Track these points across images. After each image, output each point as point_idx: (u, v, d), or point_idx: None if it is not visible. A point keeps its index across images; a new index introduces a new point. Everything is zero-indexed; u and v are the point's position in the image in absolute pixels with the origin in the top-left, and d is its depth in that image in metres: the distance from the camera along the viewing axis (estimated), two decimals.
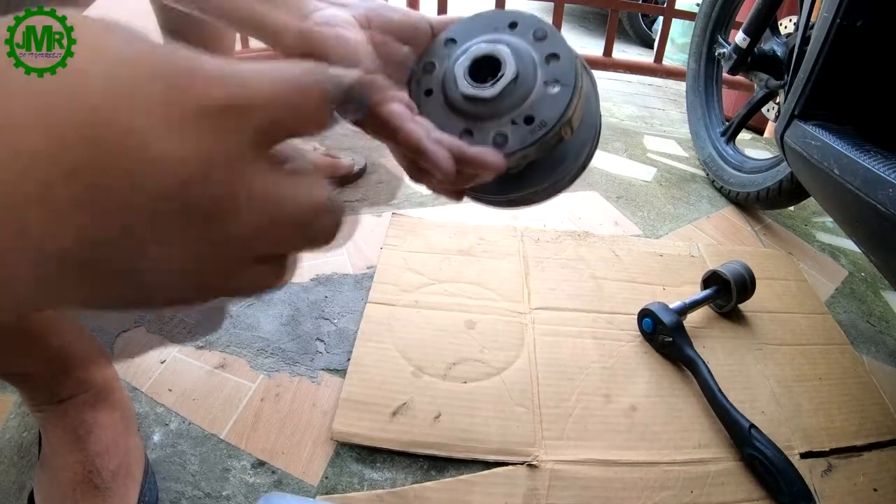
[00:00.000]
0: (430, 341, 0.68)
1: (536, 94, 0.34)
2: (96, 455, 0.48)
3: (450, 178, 0.32)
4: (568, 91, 0.34)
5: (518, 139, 0.34)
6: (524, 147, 0.34)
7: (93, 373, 0.51)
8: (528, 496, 0.54)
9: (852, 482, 0.59)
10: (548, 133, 0.33)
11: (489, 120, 0.34)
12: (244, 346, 0.68)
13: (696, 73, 1.30)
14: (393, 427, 0.58)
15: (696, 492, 0.56)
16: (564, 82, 0.34)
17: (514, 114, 0.34)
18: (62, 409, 0.49)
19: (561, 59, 0.34)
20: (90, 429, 0.49)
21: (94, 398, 0.51)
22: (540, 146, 0.34)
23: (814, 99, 0.69)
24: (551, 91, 0.34)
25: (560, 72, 0.34)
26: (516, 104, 0.34)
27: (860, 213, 0.57)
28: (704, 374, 0.64)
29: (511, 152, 0.34)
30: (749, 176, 1.06)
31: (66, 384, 0.49)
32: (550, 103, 0.34)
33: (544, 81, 0.34)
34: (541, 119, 0.34)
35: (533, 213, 0.98)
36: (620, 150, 1.30)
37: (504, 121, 0.34)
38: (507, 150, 0.34)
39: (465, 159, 0.32)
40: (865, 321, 0.85)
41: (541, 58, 0.35)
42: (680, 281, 0.84)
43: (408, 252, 0.83)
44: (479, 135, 0.35)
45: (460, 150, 0.32)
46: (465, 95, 0.34)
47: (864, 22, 0.63)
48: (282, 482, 0.55)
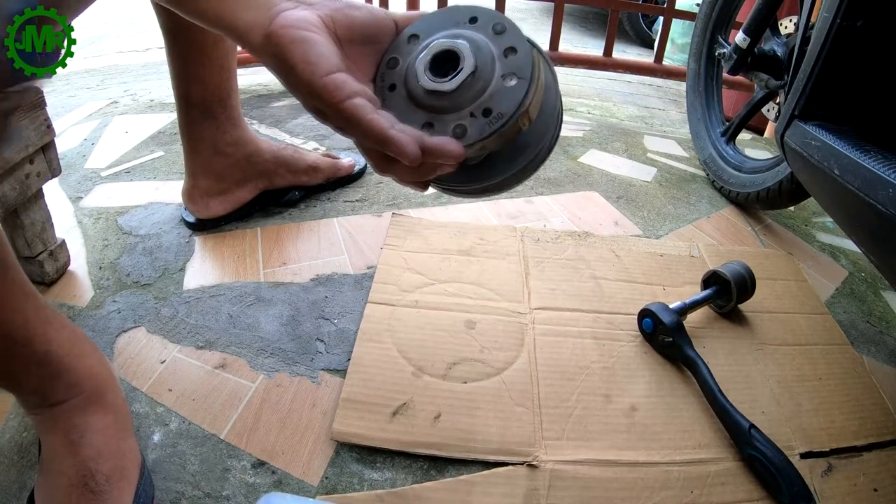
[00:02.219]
0: (430, 341, 0.68)
1: (494, 87, 0.35)
2: (89, 459, 0.48)
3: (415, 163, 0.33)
4: (524, 84, 0.35)
5: (477, 130, 0.35)
6: (483, 138, 0.35)
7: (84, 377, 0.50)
8: (528, 496, 0.54)
9: (852, 482, 0.59)
10: (505, 124, 0.34)
11: (449, 113, 0.35)
12: (244, 346, 0.68)
13: (696, 73, 1.30)
14: (393, 427, 0.58)
15: (696, 492, 0.56)
16: (521, 75, 0.35)
17: (473, 106, 0.35)
18: (55, 414, 0.49)
19: (518, 52, 0.35)
20: (83, 433, 0.49)
21: (86, 402, 0.50)
22: (498, 137, 0.35)
23: (814, 99, 0.69)
24: (509, 84, 0.35)
25: (517, 65, 0.35)
26: (475, 97, 0.35)
27: (860, 213, 0.57)
28: (704, 374, 0.64)
29: (470, 143, 0.35)
30: (749, 176, 1.06)
31: (57, 389, 0.49)
32: (508, 95, 0.35)
33: (502, 75, 0.35)
34: (498, 111, 0.35)
35: (533, 213, 0.98)
36: (620, 150, 1.30)
37: (463, 113, 0.35)
38: (466, 140, 0.35)
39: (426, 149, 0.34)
40: (865, 321, 0.85)
41: (499, 51, 0.36)
42: (680, 281, 0.84)
43: (408, 252, 0.83)
44: (439, 127, 0.36)
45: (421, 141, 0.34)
46: (426, 89, 0.35)
47: (864, 22, 0.63)
48: (282, 482, 0.55)
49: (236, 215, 0.88)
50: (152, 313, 0.71)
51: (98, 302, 0.73)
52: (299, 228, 0.89)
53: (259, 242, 0.85)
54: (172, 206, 0.92)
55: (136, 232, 0.85)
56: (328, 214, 0.93)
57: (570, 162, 1.20)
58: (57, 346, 0.48)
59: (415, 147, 0.33)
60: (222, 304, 0.73)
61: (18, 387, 0.49)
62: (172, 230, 0.86)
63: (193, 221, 0.86)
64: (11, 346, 0.45)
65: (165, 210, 0.91)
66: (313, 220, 0.91)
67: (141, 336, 0.68)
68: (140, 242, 0.83)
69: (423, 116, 0.36)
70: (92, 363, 0.52)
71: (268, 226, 0.89)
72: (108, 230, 0.86)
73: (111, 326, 0.69)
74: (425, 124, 0.36)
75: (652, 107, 1.98)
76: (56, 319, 0.50)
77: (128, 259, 0.80)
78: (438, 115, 0.36)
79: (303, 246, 0.85)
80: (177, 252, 0.82)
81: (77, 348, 0.51)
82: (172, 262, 0.80)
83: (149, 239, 0.84)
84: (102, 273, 0.77)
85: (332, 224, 0.91)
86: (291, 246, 0.85)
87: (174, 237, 0.85)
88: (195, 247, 0.83)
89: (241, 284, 0.77)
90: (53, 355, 0.48)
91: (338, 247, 0.86)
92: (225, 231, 0.87)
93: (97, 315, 0.71)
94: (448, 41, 0.36)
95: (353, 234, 0.88)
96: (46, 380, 0.48)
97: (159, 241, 0.84)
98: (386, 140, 0.33)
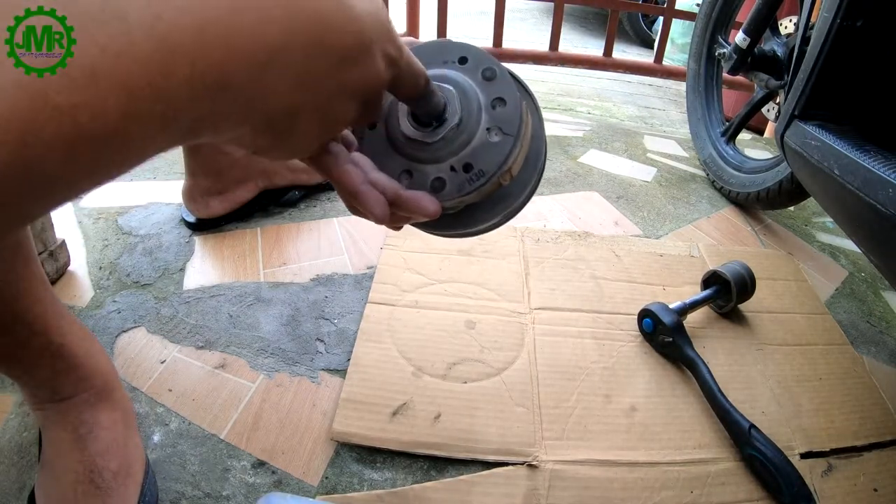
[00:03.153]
0: (430, 341, 0.68)
1: (478, 141, 0.33)
2: (97, 455, 0.48)
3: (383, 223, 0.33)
4: (510, 141, 0.33)
5: (455, 186, 0.33)
6: (461, 195, 0.33)
7: (94, 372, 0.51)
8: (528, 496, 0.54)
9: (852, 482, 0.59)
10: (485, 183, 0.33)
11: (429, 163, 0.34)
12: (244, 346, 0.68)
13: (696, 73, 1.30)
14: (393, 427, 0.58)
15: (697, 492, 0.56)
16: (507, 131, 0.33)
17: (454, 160, 0.33)
18: (63, 408, 0.49)
19: (507, 104, 0.33)
20: (91, 428, 0.49)
21: (95, 398, 0.51)
22: (477, 194, 0.34)
23: (814, 99, 0.69)
24: (493, 139, 0.33)
25: (505, 118, 0.33)
26: (457, 150, 0.33)
27: (860, 213, 0.57)
28: (704, 375, 0.64)
29: (448, 199, 0.33)
30: (749, 176, 1.06)
31: (68, 382, 0.49)
32: (491, 152, 0.33)
33: (487, 128, 0.33)
34: (479, 168, 0.33)
35: (533, 213, 0.98)
36: (620, 150, 1.30)
37: (443, 166, 0.34)
38: (443, 196, 0.33)
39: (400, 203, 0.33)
40: (865, 321, 0.85)
41: (487, 101, 0.34)
42: (680, 281, 0.84)
43: (408, 252, 0.83)
44: (417, 176, 0.34)
45: (395, 194, 0.33)
46: (406, 136, 0.34)
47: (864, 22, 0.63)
48: (282, 482, 0.55)
49: (236, 215, 0.88)
50: (152, 313, 0.71)
51: (98, 302, 0.73)
52: (299, 228, 0.89)
53: (259, 242, 0.85)
54: (172, 205, 0.92)
55: (136, 232, 0.85)
56: (328, 214, 0.93)
57: (570, 162, 1.20)
58: (71, 339, 0.49)
59: (384, 209, 0.32)
60: (222, 304, 0.73)
61: (31, 378, 0.49)
62: (172, 230, 0.86)
63: (193, 221, 0.86)
64: (29, 336, 0.46)
65: (165, 210, 0.91)
66: (313, 220, 0.91)
67: (141, 336, 0.68)
68: (140, 242, 0.83)
69: (402, 163, 0.34)
70: (100, 360, 0.52)
71: (268, 225, 0.89)
72: (108, 230, 0.86)
73: (111, 326, 0.69)
74: (404, 171, 0.34)
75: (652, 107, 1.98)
76: (68, 314, 0.50)
77: (128, 259, 0.80)
78: (418, 165, 0.34)
79: (303, 246, 0.85)
80: (177, 252, 0.82)
81: (87, 344, 0.51)
82: (172, 262, 0.80)
83: (149, 239, 0.84)
84: (102, 273, 0.77)
85: (332, 224, 0.91)
86: (291, 246, 0.85)
87: (174, 237, 0.85)
88: (195, 247, 0.83)
89: (241, 284, 0.77)
90: (67, 349, 0.49)
91: (338, 247, 0.86)
92: (225, 231, 0.87)
93: (97, 315, 0.71)
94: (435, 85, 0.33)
95: (353, 234, 0.88)
96: (59, 373, 0.49)
97: (159, 241, 0.84)
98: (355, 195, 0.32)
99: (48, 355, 0.48)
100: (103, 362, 0.53)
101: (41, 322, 0.46)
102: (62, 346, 0.48)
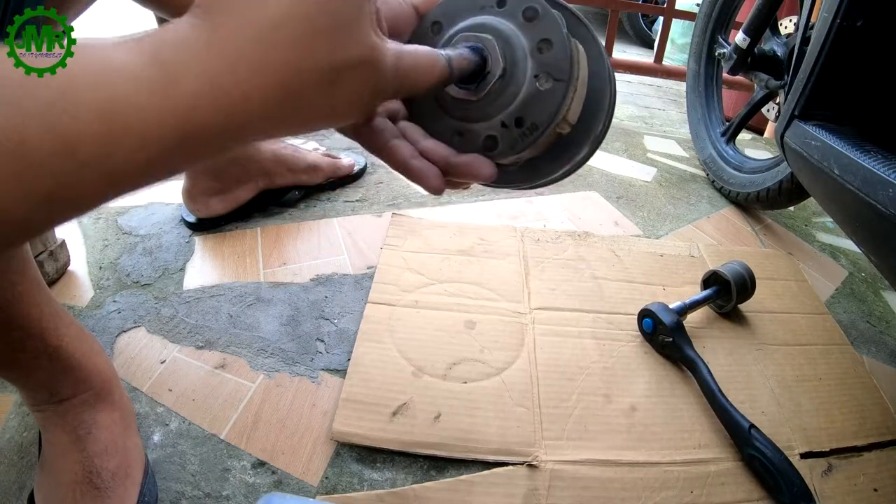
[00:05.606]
0: (430, 341, 0.68)
1: (527, 92, 0.30)
2: (96, 455, 0.48)
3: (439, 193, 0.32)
4: (562, 87, 0.30)
5: (508, 144, 0.31)
6: (515, 152, 0.31)
7: (92, 373, 0.51)
8: (528, 496, 0.54)
9: (852, 482, 0.59)
10: (539, 137, 0.30)
11: (479, 121, 0.32)
12: (244, 346, 0.68)
13: (696, 73, 1.30)
14: (393, 427, 0.58)
15: (697, 492, 0.56)
16: (557, 76, 0.30)
17: (504, 115, 0.31)
18: (62, 409, 0.49)
19: (553, 45, 0.30)
20: (89, 429, 0.49)
21: (94, 398, 0.50)
22: (534, 149, 0.31)
23: (814, 99, 0.69)
24: (543, 87, 0.30)
25: (552, 62, 0.30)
26: (506, 104, 0.31)
27: (860, 213, 0.57)
28: (704, 375, 0.64)
29: (502, 157, 0.31)
30: (749, 176, 1.06)
31: (66, 384, 0.49)
32: (542, 101, 0.30)
33: (535, 75, 0.30)
34: (531, 121, 0.30)
35: (533, 213, 0.98)
36: (620, 150, 1.30)
37: (494, 122, 0.31)
38: (497, 155, 0.31)
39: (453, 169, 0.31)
40: (865, 321, 0.85)
41: (532, 45, 0.30)
42: (680, 281, 0.84)
43: (408, 252, 0.83)
44: (469, 137, 0.32)
45: (446, 161, 0.31)
46: (451, 96, 0.32)
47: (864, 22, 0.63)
48: (282, 482, 0.55)
49: (236, 215, 0.88)
50: (152, 313, 0.71)
51: (98, 302, 0.73)
52: (299, 228, 0.89)
53: (259, 242, 0.85)
54: (172, 205, 0.92)
55: (136, 232, 0.85)
56: (328, 214, 0.93)
57: None
58: (68, 341, 0.49)
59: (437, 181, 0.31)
60: (222, 304, 0.73)
61: (28, 381, 0.49)
62: (172, 230, 0.86)
63: (193, 221, 0.86)
64: (26, 339, 0.46)
65: (165, 210, 0.91)
66: (313, 220, 0.91)
67: (141, 336, 0.68)
68: (140, 242, 0.83)
69: (453, 124, 0.32)
70: (99, 360, 0.52)
71: (268, 226, 0.89)
72: (108, 230, 0.86)
73: (111, 326, 0.69)
74: (455, 133, 0.32)
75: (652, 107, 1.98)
76: (66, 315, 0.50)
77: (128, 259, 0.80)
78: (467, 124, 0.32)
79: (303, 246, 0.85)
80: (177, 252, 0.82)
81: (85, 345, 0.51)
82: (172, 262, 0.80)
83: (149, 239, 0.84)
84: (102, 273, 0.77)
85: (332, 224, 0.91)
86: (291, 246, 0.85)
87: (174, 237, 0.85)
88: (195, 247, 0.83)
89: (241, 284, 0.77)
90: (64, 350, 0.48)
91: (338, 247, 0.86)
92: (225, 231, 0.87)
93: (97, 315, 0.71)
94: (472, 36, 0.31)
95: (353, 234, 0.88)
96: (57, 374, 0.49)
97: (159, 241, 0.84)
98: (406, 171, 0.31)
99: (45, 358, 0.47)
100: (102, 363, 0.52)
101: (38, 325, 0.46)
102: (59, 347, 0.48)
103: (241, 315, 0.72)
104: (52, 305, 0.48)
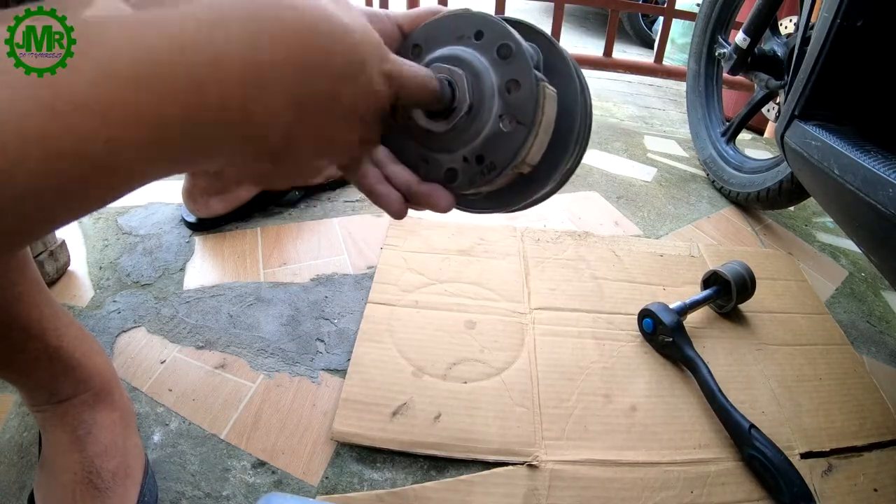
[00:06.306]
0: (430, 341, 0.68)
1: (490, 131, 0.31)
2: (96, 455, 0.48)
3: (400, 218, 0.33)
4: (523, 131, 0.30)
5: (468, 178, 0.32)
6: (474, 186, 0.32)
7: (92, 373, 0.51)
8: (528, 496, 0.54)
9: (852, 482, 0.59)
10: (497, 177, 0.31)
11: (443, 152, 0.32)
12: (244, 346, 0.68)
13: (696, 73, 1.30)
14: (393, 427, 0.58)
15: (697, 492, 0.56)
16: (521, 119, 0.30)
17: (466, 150, 0.31)
18: (62, 410, 0.49)
19: (521, 87, 0.30)
20: (89, 429, 0.49)
21: (94, 398, 0.50)
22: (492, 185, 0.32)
23: (814, 99, 0.69)
24: (506, 128, 0.30)
25: (518, 104, 0.30)
26: (469, 140, 0.31)
27: (860, 213, 0.57)
28: (704, 375, 0.64)
29: (462, 190, 0.32)
30: (749, 176, 1.06)
31: (66, 384, 0.49)
32: (503, 143, 0.31)
33: (500, 115, 0.31)
34: (491, 160, 0.31)
35: (533, 213, 0.98)
36: (620, 150, 1.30)
37: (456, 156, 0.32)
38: (456, 187, 0.32)
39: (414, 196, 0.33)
40: (865, 321, 0.85)
41: (501, 83, 0.31)
42: (680, 281, 0.84)
43: (408, 252, 0.83)
44: (433, 166, 0.33)
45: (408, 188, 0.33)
46: (418, 125, 0.32)
47: (864, 22, 0.63)
48: (282, 482, 0.55)
49: (236, 215, 0.88)
50: (152, 313, 0.71)
51: (98, 302, 0.73)
52: (299, 228, 0.89)
53: (259, 242, 0.85)
54: (172, 205, 0.92)
55: (136, 232, 0.85)
56: (328, 214, 0.93)
57: None
58: (68, 342, 0.49)
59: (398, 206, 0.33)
60: (222, 304, 0.73)
61: (28, 381, 0.49)
62: (172, 230, 0.86)
63: (193, 221, 0.86)
64: (26, 340, 0.46)
65: (165, 210, 0.91)
66: (313, 220, 0.91)
67: (141, 336, 0.68)
68: (140, 242, 0.83)
69: (419, 151, 0.33)
70: (99, 360, 0.52)
71: (268, 226, 0.89)
72: (108, 230, 0.86)
73: (111, 326, 0.69)
74: (421, 160, 0.33)
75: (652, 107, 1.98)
76: (65, 315, 0.50)
77: (128, 259, 0.80)
78: (432, 154, 0.33)
79: (303, 246, 0.85)
80: (177, 252, 0.82)
81: (85, 345, 0.51)
82: (172, 262, 0.80)
83: (149, 239, 0.84)
84: (102, 273, 0.77)
85: (332, 224, 0.91)
86: (291, 246, 0.85)
87: (174, 237, 0.85)
88: (195, 247, 0.83)
89: (241, 284, 0.77)
90: (64, 351, 0.48)
91: (338, 247, 0.86)
92: (225, 231, 0.87)
93: (97, 315, 0.71)
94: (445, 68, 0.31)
95: (353, 234, 0.88)
96: (57, 375, 0.48)
97: (159, 241, 0.84)
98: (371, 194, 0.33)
99: (45, 358, 0.47)
100: (102, 363, 0.52)
101: (37, 326, 0.46)
102: (59, 348, 0.48)
103: (241, 315, 0.72)
104: (52, 306, 0.48)
